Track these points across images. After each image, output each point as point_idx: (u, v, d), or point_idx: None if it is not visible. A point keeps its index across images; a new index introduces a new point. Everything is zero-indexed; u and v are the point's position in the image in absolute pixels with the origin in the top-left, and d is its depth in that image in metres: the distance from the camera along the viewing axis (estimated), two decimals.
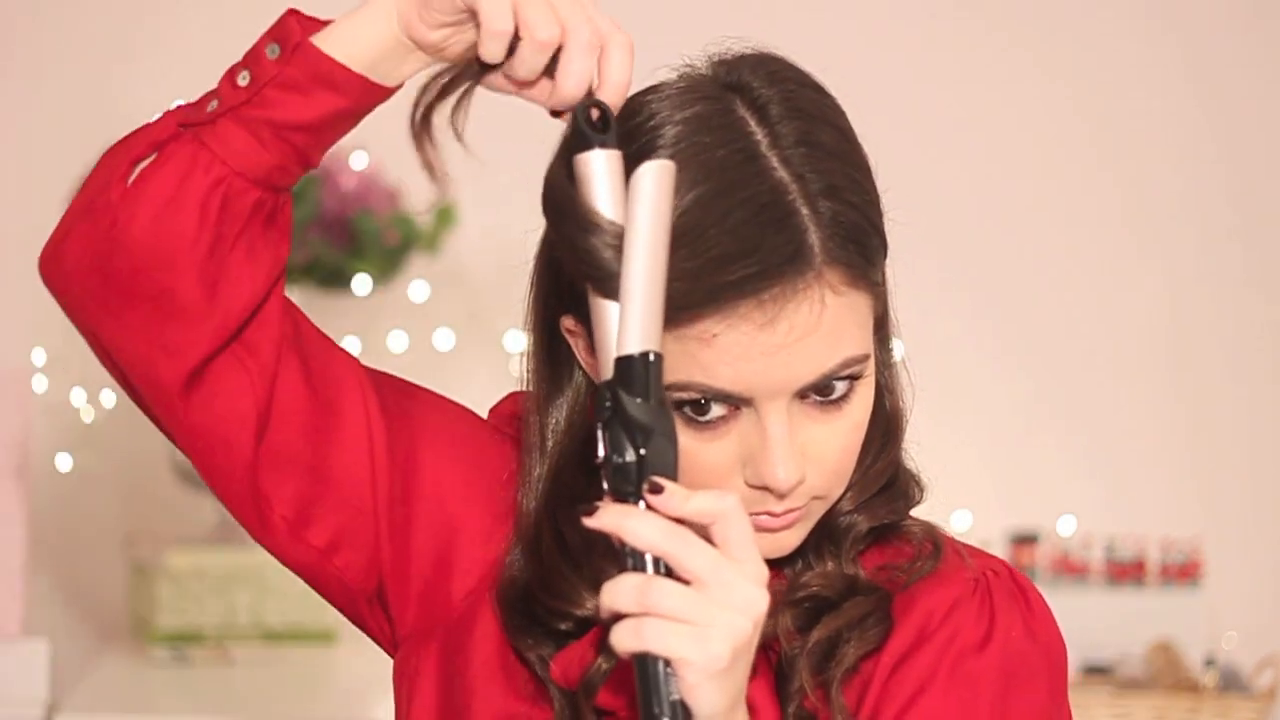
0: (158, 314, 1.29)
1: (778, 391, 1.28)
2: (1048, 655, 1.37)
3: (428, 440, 1.40)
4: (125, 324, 1.30)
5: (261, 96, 1.26)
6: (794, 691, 1.33)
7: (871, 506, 1.38)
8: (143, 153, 1.28)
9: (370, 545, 1.38)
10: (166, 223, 1.26)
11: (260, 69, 1.26)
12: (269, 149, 1.27)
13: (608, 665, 1.32)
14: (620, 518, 1.18)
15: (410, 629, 1.41)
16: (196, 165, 1.26)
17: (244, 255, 1.28)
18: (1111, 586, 3.68)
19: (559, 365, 1.37)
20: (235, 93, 1.27)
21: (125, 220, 1.26)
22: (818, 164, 1.29)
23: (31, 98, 3.77)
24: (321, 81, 1.26)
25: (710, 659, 1.16)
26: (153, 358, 1.30)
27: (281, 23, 1.27)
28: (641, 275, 1.18)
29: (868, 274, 1.30)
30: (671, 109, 1.30)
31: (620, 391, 1.19)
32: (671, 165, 1.20)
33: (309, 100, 1.26)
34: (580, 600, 1.34)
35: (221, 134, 1.26)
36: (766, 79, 1.32)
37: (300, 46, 1.26)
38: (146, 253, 1.27)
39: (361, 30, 1.27)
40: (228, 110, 1.26)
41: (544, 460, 1.38)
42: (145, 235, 1.26)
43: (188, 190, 1.26)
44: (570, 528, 1.35)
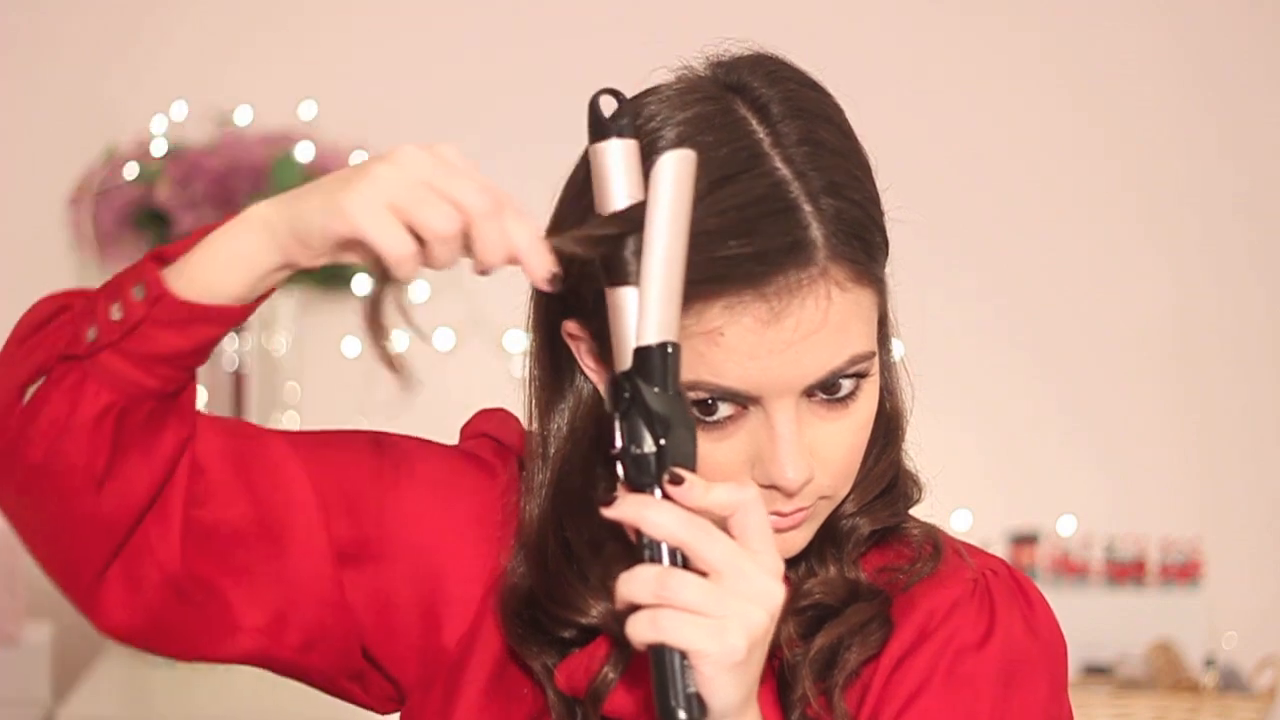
0: (64, 523, 1.30)
1: (785, 390, 1.28)
2: (1048, 652, 1.37)
3: (392, 492, 1.39)
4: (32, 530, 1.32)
5: (138, 333, 1.25)
6: (796, 699, 1.32)
7: (873, 509, 1.38)
8: (31, 376, 1.27)
9: (344, 633, 1.38)
10: (62, 448, 1.26)
11: (130, 308, 1.25)
12: (154, 375, 1.26)
13: (614, 675, 1.32)
14: (639, 507, 1.17)
15: (414, 681, 1.40)
16: (84, 394, 1.26)
17: (141, 456, 1.29)
18: (1111, 586, 3.68)
19: (560, 370, 1.37)
20: (110, 326, 1.25)
21: (23, 446, 1.27)
22: (820, 162, 1.29)
23: (31, 98, 3.77)
24: (193, 319, 1.25)
25: (727, 651, 1.15)
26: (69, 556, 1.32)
27: (142, 266, 1.26)
28: (661, 264, 1.18)
29: (872, 270, 1.30)
30: (671, 110, 1.30)
31: (639, 382, 1.18)
32: (692, 155, 1.19)
33: (185, 333, 1.25)
34: (586, 607, 1.34)
35: (104, 365, 1.26)
36: (766, 79, 1.32)
37: (161, 298, 1.25)
38: (46, 476, 1.28)
39: (231, 265, 1.24)
40: (107, 345, 1.25)
41: (547, 466, 1.37)
42: (42, 460, 1.27)
43: (78, 417, 1.26)
44: (575, 533, 1.35)
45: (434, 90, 3.85)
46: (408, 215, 1.18)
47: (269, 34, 3.85)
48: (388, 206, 1.18)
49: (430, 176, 1.19)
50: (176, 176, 3.52)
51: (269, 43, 3.84)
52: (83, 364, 1.26)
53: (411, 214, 1.18)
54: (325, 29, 3.87)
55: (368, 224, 1.18)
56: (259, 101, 3.69)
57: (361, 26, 3.88)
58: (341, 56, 3.85)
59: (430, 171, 1.19)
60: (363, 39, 3.87)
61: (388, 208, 1.18)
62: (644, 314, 1.18)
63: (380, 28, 3.87)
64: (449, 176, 1.19)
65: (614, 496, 1.18)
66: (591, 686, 1.32)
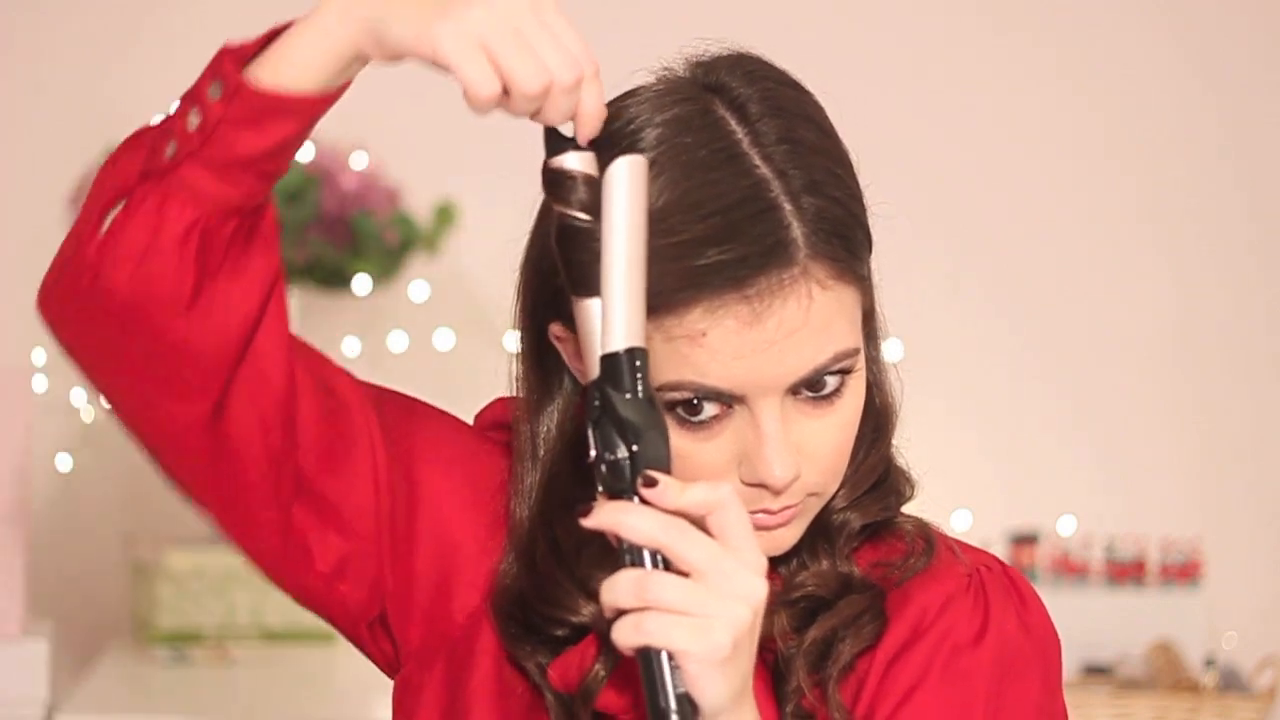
0: (154, 359, 1.26)
1: (770, 388, 1.28)
2: (1042, 649, 1.37)
3: (427, 457, 1.39)
4: (123, 371, 1.28)
5: (216, 137, 1.22)
6: (791, 691, 1.33)
7: (863, 504, 1.38)
8: (110, 202, 1.25)
9: (373, 572, 1.38)
10: (146, 274, 1.23)
11: (207, 111, 1.22)
12: (236, 184, 1.23)
13: (605, 671, 1.32)
14: (616, 514, 1.18)
15: (414, 649, 1.40)
16: (167, 212, 1.23)
17: (228, 279, 1.25)
18: (1111, 586, 3.68)
19: (549, 372, 1.37)
20: (188, 137, 1.23)
21: (106, 275, 1.24)
22: (799, 160, 1.29)
23: (31, 98, 3.77)
24: (272, 112, 1.22)
25: (712, 649, 1.16)
26: (159, 403, 1.28)
27: (217, 62, 1.23)
28: (620, 271, 1.19)
29: (854, 268, 1.30)
30: (651, 112, 1.30)
31: (608, 389, 1.19)
32: (643, 160, 1.20)
33: (265, 130, 1.22)
34: (576, 607, 1.34)
35: (185, 178, 1.23)
36: (744, 78, 1.32)
37: (239, 90, 1.21)
38: (131, 304, 1.24)
39: (307, 54, 1.22)
40: (186, 156, 1.23)
41: (536, 468, 1.37)
42: (127, 288, 1.24)
43: (163, 239, 1.23)
44: (565, 534, 1.35)
45: (433, 90, 3.84)
46: (497, 58, 1.19)
47: None
48: (479, 44, 1.18)
49: (525, 25, 1.19)
50: None
51: None
52: (163, 181, 1.23)
53: (500, 59, 1.19)
54: None
55: (458, 58, 1.18)
56: None
57: None
58: None
59: (527, 19, 1.20)
60: None
61: (479, 45, 1.18)
62: (607, 321, 1.19)
63: None
64: (542, 31, 1.20)
65: (591, 506, 1.19)
66: (583, 684, 1.33)
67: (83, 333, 1.28)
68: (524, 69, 1.19)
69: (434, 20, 1.19)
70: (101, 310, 1.25)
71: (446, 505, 1.39)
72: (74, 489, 3.64)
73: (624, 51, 1.36)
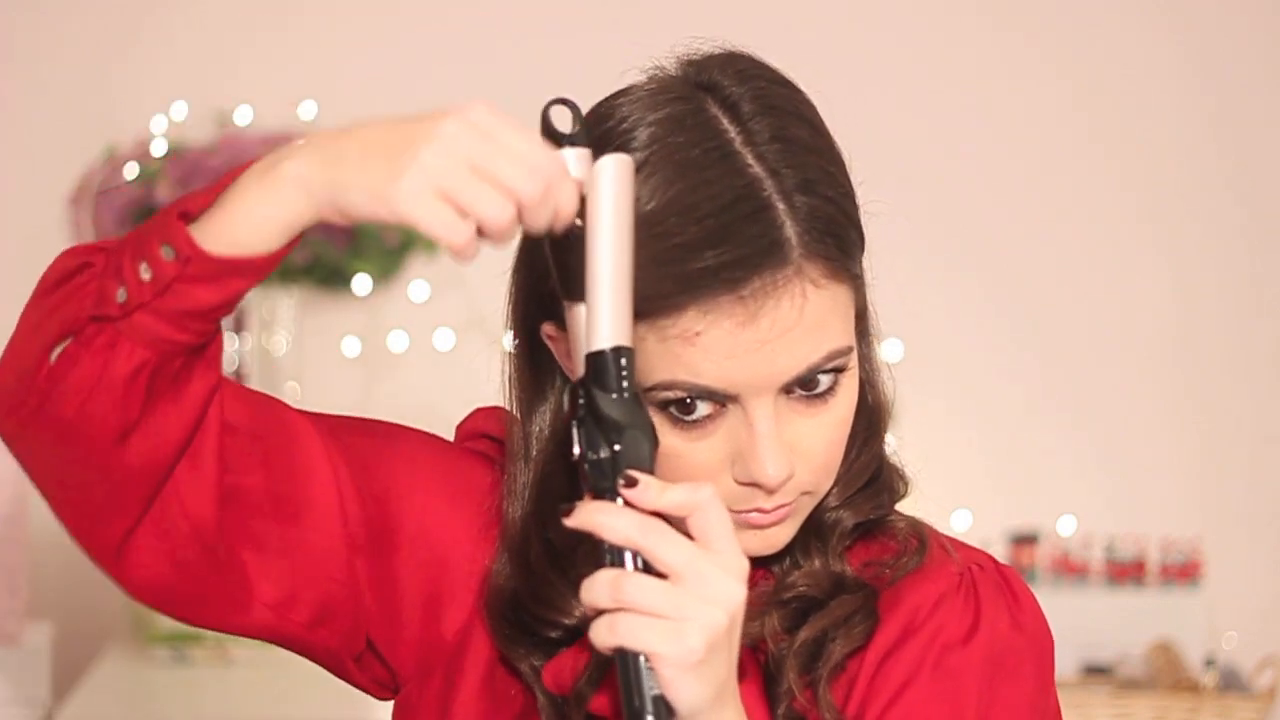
0: (90, 480, 1.29)
1: (763, 387, 1.28)
2: (1034, 646, 1.37)
3: (403, 480, 1.39)
4: (62, 484, 1.31)
5: (170, 291, 1.23)
6: (783, 692, 1.33)
7: (856, 502, 1.38)
8: (58, 336, 1.25)
9: (352, 612, 1.38)
10: (93, 406, 1.25)
11: (160, 268, 1.22)
12: (187, 330, 1.24)
13: (598, 674, 1.32)
14: (595, 514, 1.18)
15: (411, 672, 1.41)
16: (117, 352, 1.24)
17: (168, 404, 1.27)
18: (1111, 586, 3.68)
19: (541, 372, 1.37)
20: (140, 287, 1.23)
21: (53, 403, 1.25)
22: (792, 159, 1.29)
23: (31, 98, 3.77)
24: (227, 272, 1.22)
25: (685, 653, 1.16)
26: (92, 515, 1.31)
27: (168, 225, 1.23)
28: (606, 270, 1.18)
29: (847, 266, 1.30)
30: (643, 111, 1.30)
31: (593, 388, 1.19)
32: (629, 159, 1.20)
33: (219, 286, 1.23)
34: (569, 608, 1.34)
35: (137, 324, 1.23)
36: (736, 77, 1.32)
37: (192, 259, 1.21)
38: (75, 432, 1.26)
39: (263, 221, 1.21)
40: (138, 306, 1.23)
41: (529, 468, 1.37)
42: (73, 418, 1.25)
43: (111, 376, 1.24)
44: (559, 534, 1.34)
45: (434, 90, 3.84)
46: (459, 201, 1.16)
47: (269, 34, 3.84)
48: (438, 194, 1.16)
49: (477, 155, 1.17)
50: (176, 176, 3.52)
51: (269, 43, 3.84)
52: (114, 324, 1.24)
53: (463, 202, 1.16)
54: (325, 29, 3.87)
55: (421, 214, 1.16)
56: (259, 101, 3.69)
57: (361, 27, 3.88)
58: (341, 56, 3.85)
59: (478, 147, 1.17)
60: (363, 39, 3.87)
61: (438, 194, 1.16)
62: (592, 320, 1.19)
63: (380, 28, 3.87)
64: (497, 155, 1.17)
65: (574, 505, 1.19)
66: (576, 686, 1.33)
67: (25, 446, 1.30)
68: (488, 204, 1.16)
69: (388, 183, 1.17)
70: (44, 432, 1.27)
71: (429, 523, 1.39)
72: None
73: (615, 50, 1.36)
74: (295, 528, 1.35)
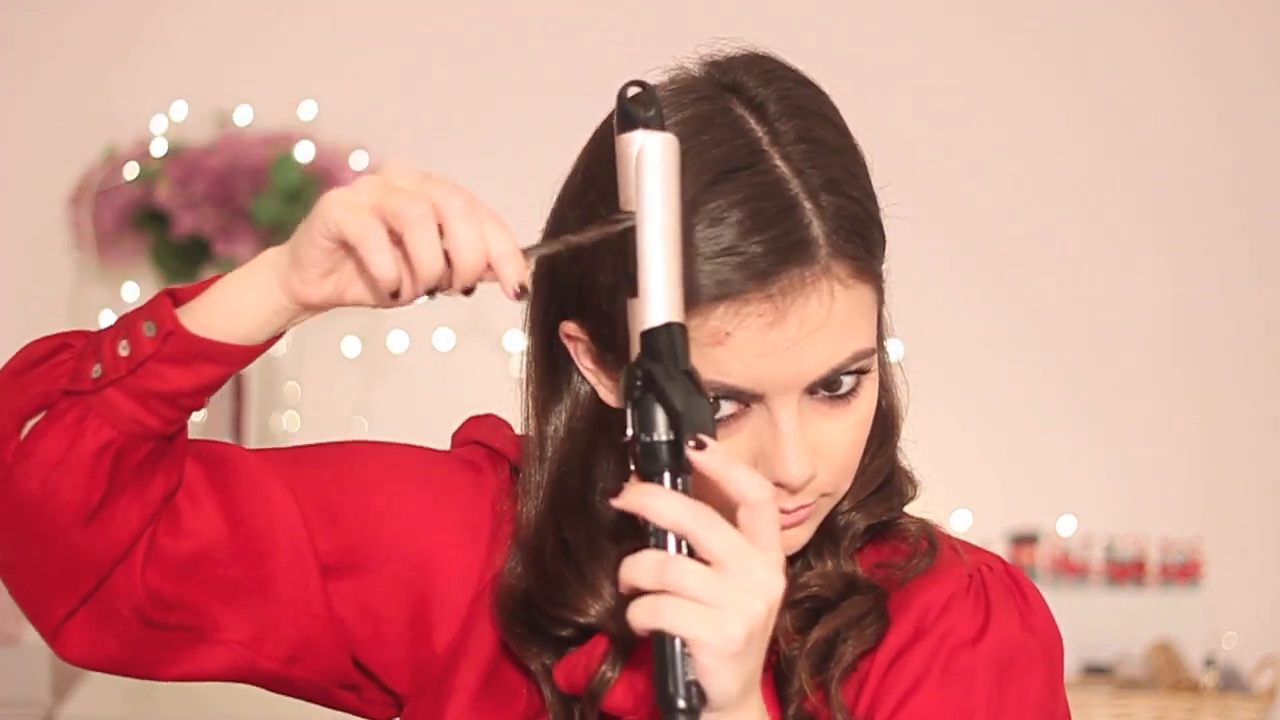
0: (45, 559, 1.31)
1: (789, 387, 1.28)
2: (1044, 647, 1.38)
3: (377, 499, 1.39)
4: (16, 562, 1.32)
5: (144, 369, 1.26)
6: (794, 692, 1.33)
7: (868, 505, 1.38)
8: (31, 410, 1.28)
9: (333, 643, 1.38)
10: (58, 482, 1.27)
11: (138, 344, 1.26)
12: (155, 414, 1.27)
13: (612, 673, 1.32)
14: (644, 495, 1.17)
15: (408, 688, 1.41)
16: (86, 428, 1.27)
17: (131, 498, 1.30)
18: (1111, 586, 3.68)
19: (558, 372, 1.37)
20: (117, 363, 1.27)
21: (20, 476, 1.28)
22: (818, 160, 1.29)
23: (31, 98, 3.77)
24: (202, 357, 1.26)
25: (725, 641, 1.15)
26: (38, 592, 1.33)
27: (156, 303, 1.27)
28: (658, 249, 1.18)
29: (872, 266, 1.30)
30: (669, 110, 1.29)
31: (651, 365, 1.18)
32: (673, 138, 1.19)
33: (192, 371, 1.27)
34: (584, 607, 1.34)
35: (108, 401, 1.27)
36: (762, 78, 1.32)
37: (174, 334, 1.26)
38: (38, 508, 1.28)
39: (241, 303, 1.26)
40: (111, 381, 1.26)
41: (544, 468, 1.37)
42: (38, 492, 1.28)
43: (78, 452, 1.27)
44: (574, 533, 1.35)
45: (434, 90, 3.85)
46: (383, 210, 1.18)
47: (269, 34, 3.85)
48: (368, 207, 1.19)
49: (408, 180, 1.20)
50: (176, 176, 3.52)
51: (269, 43, 3.84)
52: (86, 400, 1.27)
53: (387, 208, 1.18)
54: (325, 29, 3.87)
55: (348, 223, 1.19)
56: (259, 101, 3.69)
57: (361, 27, 3.88)
58: (341, 56, 3.85)
59: (408, 177, 1.20)
60: (362, 39, 3.87)
61: (368, 208, 1.19)
62: (645, 298, 1.18)
63: (380, 28, 3.87)
64: (426, 180, 1.20)
65: (622, 486, 1.18)
66: (590, 685, 1.33)
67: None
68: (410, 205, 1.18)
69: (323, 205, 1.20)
70: (5, 506, 1.29)
71: (406, 539, 1.39)
72: None
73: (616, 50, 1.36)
74: (263, 569, 1.35)
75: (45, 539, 1.29)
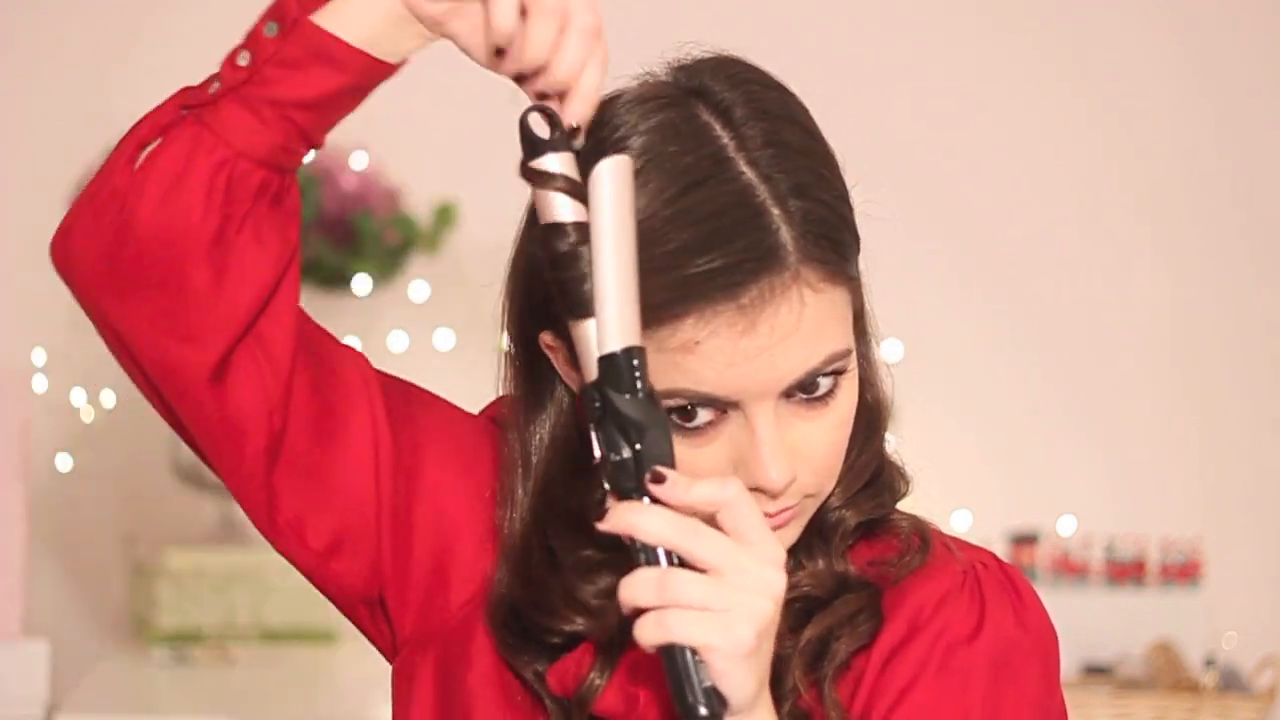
0: (169, 300, 1.27)
1: (764, 393, 1.28)
2: (1039, 644, 1.37)
3: (431, 444, 1.39)
4: (137, 311, 1.28)
5: (262, 75, 1.25)
6: (788, 691, 1.33)
7: (858, 501, 1.38)
8: (148, 136, 1.26)
9: (371, 552, 1.37)
10: (172, 206, 1.25)
11: (259, 48, 1.25)
12: (271, 128, 1.25)
13: (601, 680, 1.33)
14: (628, 515, 1.18)
15: (409, 634, 1.40)
16: (200, 147, 1.24)
17: (251, 238, 1.27)
18: (1111, 586, 3.68)
19: (540, 381, 1.37)
20: (235, 72, 1.25)
21: (132, 204, 1.25)
22: (785, 163, 1.29)
23: (31, 98, 3.77)
24: (321, 58, 1.25)
25: (736, 642, 1.16)
26: (168, 346, 1.29)
27: (281, 4, 1.26)
28: (612, 272, 1.18)
29: (844, 269, 1.30)
30: (636, 118, 1.29)
31: (608, 390, 1.19)
32: (628, 160, 1.20)
33: (309, 77, 1.25)
34: (571, 616, 1.34)
35: (223, 114, 1.25)
36: (728, 82, 1.31)
37: (297, 23, 1.25)
38: (153, 236, 1.25)
39: (360, 5, 1.25)
40: (229, 90, 1.25)
41: (528, 478, 1.37)
42: (151, 219, 1.25)
43: (192, 173, 1.24)
44: (561, 543, 1.35)
45: (434, 91, 3.84)
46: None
47: None
48: None
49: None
50: None
51: None
52: (201, 115, 1.25)
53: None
54: None
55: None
56: None
57: None
58: None
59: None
60: None
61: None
62: (602, 322, 1.19)
63: None
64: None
65: (605, 509, 1.19)
66: (579, 691, 1.33)
67: (100, 269, 1.28)
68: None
69: None
70: (123, 242, 1.26)
71: (448, 493, 1.39)
72: (74, 489, 3.63)
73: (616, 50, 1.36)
74: (327, 454, 1.34)
75: (168, 275, 1.26)
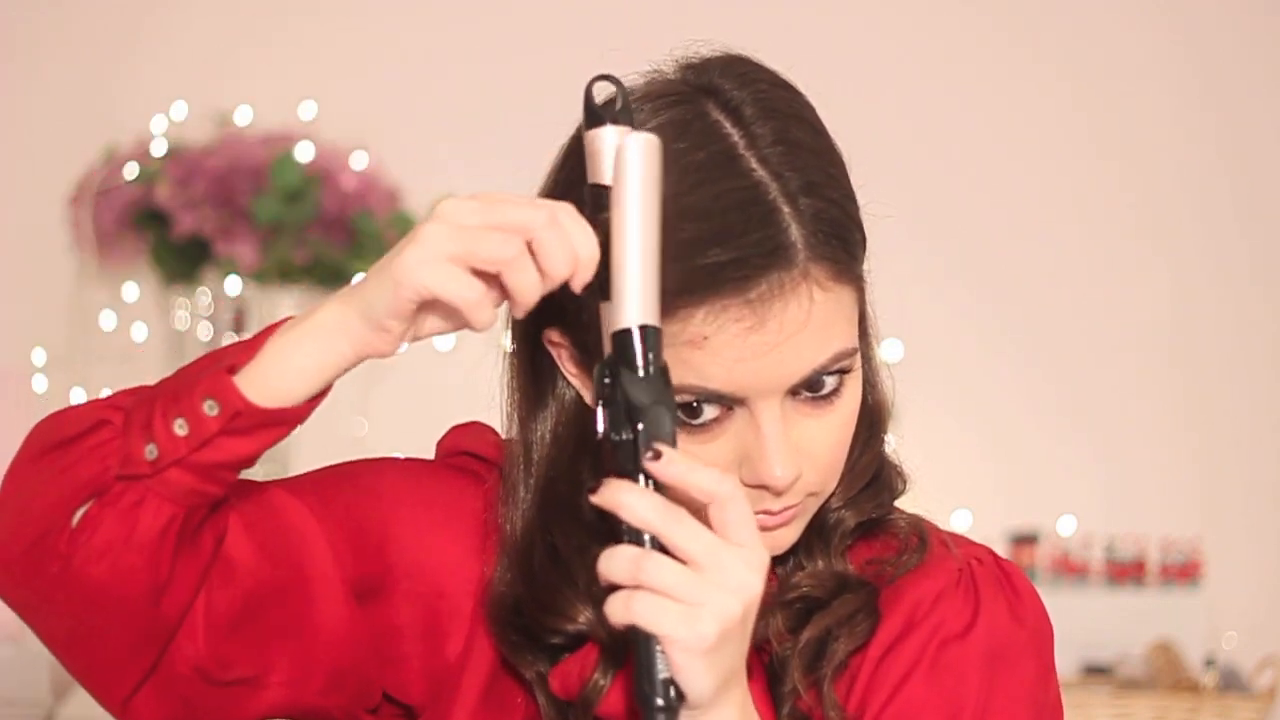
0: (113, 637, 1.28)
1: (770, 390, 1.28)
2: (1034, 639, 1.38)
3: (393, 525, 1.39)
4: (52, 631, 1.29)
5: (209, 444, 1.23)
6: (788, 692, 1.33)
7: (858, 502, 1.38)
8: (81, 498, 1.24)
9: (360, 669, 1.38)
10: (124, 566, 1.24)
11: (200, 424, 1.23)
12: (219, 483, 1.25)
13: (605, 681, 1.33)
14: (618, 493, 1.18)
15: (423, 700, 1.40)
16: (144, 512, 1.24)
17: (189, 558, 1.27)
18: (1111, 586, 3.68)
19: (542, 378, 1.37)
20: (175, 443, 1.23)
21: (79, 566, 1.24)
22: (795, 162, 1.29)
23: (31, 98, 3.77)
24: (267, 425, 1.24)
25: (698, 637, 1.16)
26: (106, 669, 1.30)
27: (214, 380, 1.23)
28: (635, 248, 1.18)
29: (851, 268, 1.30)
30: (645, 116, 1.29)
31: (619, 367, 1.18)
32: (656, 139, 1.19)
33: (256, 439, 1.24)
34: (574, 613, 1.34)
35: (168, 481, 1.23)
36: (737, 80, 1.32)
37: (242, 412, 1.22)
38: (102, 596, 1.25)
39: (304, 365, 1.23)
40: (172, 463, 1.23)
41: (530, 474, 1.37)
42: (103, 579, 1.24)
43: (139, 535, 1.24)
44: (563, 539, 1.35)
45: (434, 90, 3.85)
46: (467, 259, 1.17)
47: (269, 34, 3.85)
48: (446, 258, 1.17)
49: (476, 216, 1.18)
50: (176, 176, 3.52)
51: (269, 43, 3.84)
52: (143, 483, 1.23)
53: (470, 255, 1.17)
54: (325, 29, 3.87)
55: (431, 280, 1.17)
56: (259, 101, 3.69)
57: (361, 27, 3.88)
58: (341, 56, 3.85)
59: (474, 212, 1.18)
60: (363, 39, 3.87)
61: (446, 259, 1.17)
62: (619, 298, 1.18)
63: (380, 28, 3.88)
64: (494, 207, 1.18)
65: (599, 483, 1.19)
66: (583, 692, 1.33)
67: (38, 611, 1.29)
68: (493, 245, 1.17)
69: (396, 267, 1.18)
70: (69, 598, 1.26)
71: (420, 557, 1.39)
72: None
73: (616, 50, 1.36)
74: (301, 604, 1.34)
75: (113, 622, 1.26)
